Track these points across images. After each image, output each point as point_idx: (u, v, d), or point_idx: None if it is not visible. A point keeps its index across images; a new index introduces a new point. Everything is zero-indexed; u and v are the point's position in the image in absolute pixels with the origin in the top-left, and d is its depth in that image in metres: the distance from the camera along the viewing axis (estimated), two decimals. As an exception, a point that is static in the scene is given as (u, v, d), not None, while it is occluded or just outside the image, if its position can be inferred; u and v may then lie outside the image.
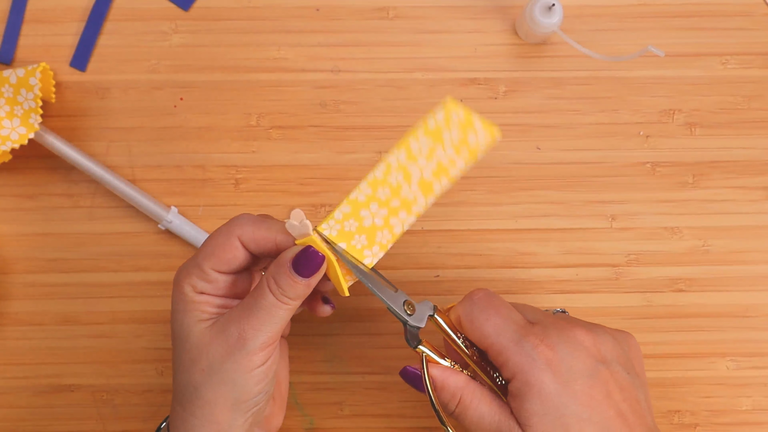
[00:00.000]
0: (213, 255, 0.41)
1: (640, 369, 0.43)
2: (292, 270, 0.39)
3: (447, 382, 0.42)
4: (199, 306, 0.41)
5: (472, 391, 0.42)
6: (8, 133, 0.50)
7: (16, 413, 0.54)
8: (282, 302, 0.40)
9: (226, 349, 0.40)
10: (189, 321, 0.41)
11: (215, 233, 0.42)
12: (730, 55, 0.56)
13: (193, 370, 0.40)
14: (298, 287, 0.40)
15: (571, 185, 0.55)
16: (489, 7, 0.56)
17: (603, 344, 0.42)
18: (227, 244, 0.41)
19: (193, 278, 0.41)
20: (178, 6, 0.56)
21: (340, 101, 0.55)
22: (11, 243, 0.55)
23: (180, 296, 0.41)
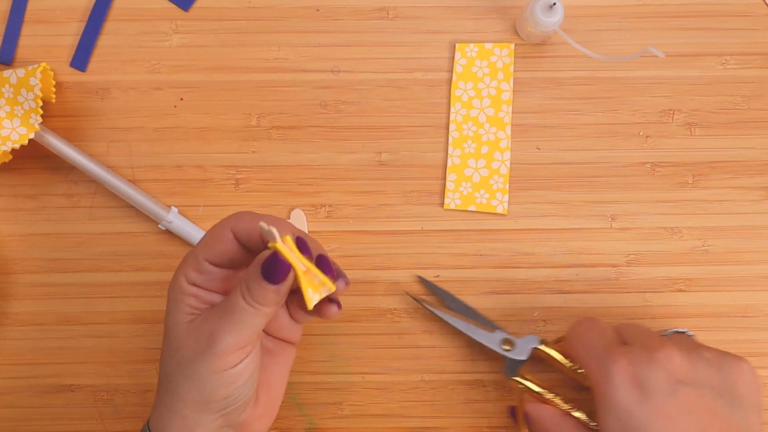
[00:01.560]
0: (207, 245, 0.41)
1: (748, 396, 0.42)
2: (261, 275, 0.39)
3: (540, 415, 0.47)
4: (187, 299, 0.41)
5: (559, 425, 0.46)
6: (8, 133, 0.50)
7: (16, 413, 0.54)
8: (252, 307, 0.39)
9: (197, 347, 0.40)
10: (175, 312, 0.41)
11: (213, 227, 0.42)
12: (730, 55, 0.56)
13: (170, 362, 0.41)
14: (267, 294, 0.39)
15: (571, 185, 0.55)
16: (489, 7, 0.56)
17: (694, 366, 0.42)
18: (220, 235, 0.41)
19: (188, 269, 0.41)
20: (178, 6, 0.56)
21: (340, 101, 0.55)
22: (11, 243, 0.55)
23: (174, 286, 0.42)
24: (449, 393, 0.54)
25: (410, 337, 0.54)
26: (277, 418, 0.53)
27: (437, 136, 0.55)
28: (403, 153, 0.55)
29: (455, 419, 0.54)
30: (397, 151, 0.55)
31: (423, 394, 0.54)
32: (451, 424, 0.54)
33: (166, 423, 0.41)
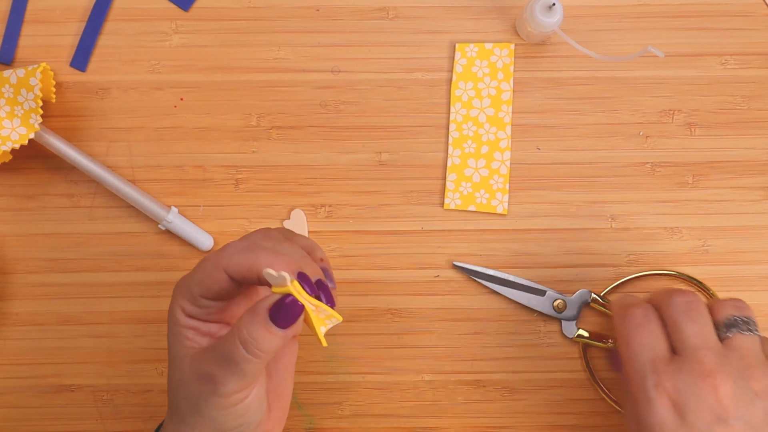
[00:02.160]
0: (201, 283, 0.39)
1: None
2: (269, 320, 0.37)
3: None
4: (185, 332, 0.40)
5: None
6: (8, 133, 0.50)
7: (16, 413, 0.54)
8: (253, 355, 0.37)
9: (200, 389, 0.39)
10: (175, 345, 0.40)
11: (204, 261, 0.40)
12: (730, 55, 0.56)
13: (177, 394, 0.40)
14: (273, 340, 0.37)
15: (571, 185, 0.55)
16: (489, 7, 0.56)
17: (740, 401, 0.40)
18: (213, 275, 0.39)
19: (184, 301, 0.40)
20: (178, 6, 0.56)
21: (340, 101, 0.55)
22: (11, 243, 0.55)
23: (171, 318, 0.40)
24: (449, 393, 0.54)
25: (410, 337, 0.54)
26: (277, 418, 0.53)
27: (437, 136, 0.55)
28: (403, 153, 0.55)
29: (455, 419, 0.54)
30: (397, 151, 0.55)
31: (423, 394, 0.54)
32: (451, 424, 0.54)
33: None
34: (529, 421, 0.54)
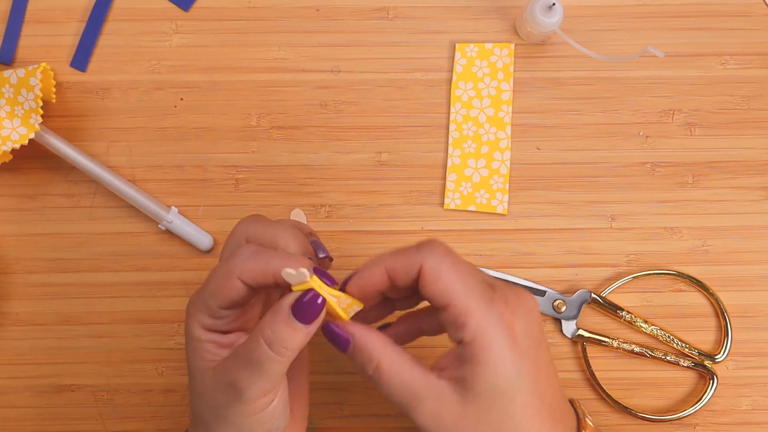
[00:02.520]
0: (216, 294, 0.39)
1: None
2: (292, 317, 0.37)
3: (366, 342, 0.39)
4: (205, 346, 0.40)
5: (393, 355, 0.39)
6: (9, 133, 0.50)
7: (16, 413, 0.54)
8: (278, 354, 0.37)
9: (225, 397, 0.38)
10: (196, 360, 0.40)
11: (216, 271, 0.40)
12: (730, 55, 0.56)
13: (202, 406, 0.40)
14: (297, 336, 0.37)
15: (571, 185, 0.55)
16: (489, 7, 0.56)
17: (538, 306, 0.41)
18: (228, 285, 0.39)
19: (201, 315, 0.39)
20: (178, 6, 0.56)
21: (340, 101, 0.55)
22: (11, 243, 0.55)
23: (189, 334, 0.40)
24: (449, 393, 0.54)
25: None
26: (277, 418, 0.53)
27: (437, 136, 0.55)
28: (403, 153, 0.55)
29: (455, 419, 0.54)
30: (397, 151, 0.55)
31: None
32: (451, 424, 0.54)
33: None
34: None
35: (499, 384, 0.38)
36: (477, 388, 0.38)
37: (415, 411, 0.38)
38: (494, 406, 0.38)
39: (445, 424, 0.38)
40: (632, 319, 0.53)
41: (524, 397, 0.38)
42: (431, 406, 0.38)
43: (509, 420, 0.38)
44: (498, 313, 0.38)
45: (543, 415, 0.39)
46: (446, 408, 0.38)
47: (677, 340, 0.53)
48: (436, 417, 0.38)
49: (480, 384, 0.38)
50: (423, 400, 0.38)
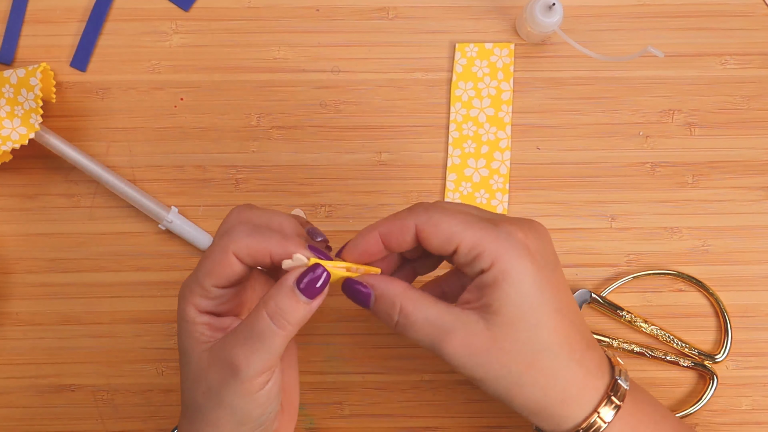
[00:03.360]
0: (212, 272, 0.39)
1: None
2: (297, 291, 0.38)
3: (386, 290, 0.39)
4: (199, 328, 0.40)
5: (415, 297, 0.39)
6: (9, 133, 0.50)
7: (16, 413, 0.54)
8: (280, 327, 0.38)
9: (222, 376, 0.38)
10: (190, 342, 0.40)
11: (212, 249, 0.40)
12: (730, 55, 0.56)
13: (196, 390, 0.40)
14: (300, 310, 0.38)
15: (571, 185, 0.55)
16: (489, 7, 0.56)
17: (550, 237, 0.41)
18: (224, 261, 0.39)
19: (195, 297, 0.40)
20: (178, 6, 0.56)
21: (340, 101, 0.55)
22: (11, 243, 0.55)
23: (183, 317, 0.40)
24: (449, 393, 0.54)
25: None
26: (277, 418, 0.53)
27: (437, 136, 0.55)
28: (403, 153, 0.55)
29: (455, 419, 0.54)
30: (397, 151, 0.55)
31: (423, 394, 0.54)
32: (451, 424, 0.54)
33: None
34: (529, 420, 0.54)
35: (524, 301, 0.38)
36: (503, 310, 0.38)
37: (446, 345, 0.38)
38: (523, 325, 0.38)
39: (477, 352, 0.38)
40: (632, 319, 0.53)
41: (551, 316, 0.38)
42: (461, 337, 0.38)
43: (539, 340, 0.38)
44: (508, 233, 0.38)
45: (572, 336, 0.39)
46: (476, 336, 0.38)
47: (677, 340, 0.53)
48: (467, 346, 0.38)
49: (505, 305, 0.38)
50: (452, 333, 0.38)
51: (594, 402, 0.40)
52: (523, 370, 0.39)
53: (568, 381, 0.39)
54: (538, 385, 0.39)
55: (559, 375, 0.39)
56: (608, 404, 0.40)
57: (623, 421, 0.40)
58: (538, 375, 0.39)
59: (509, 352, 0.38)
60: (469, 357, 0.39)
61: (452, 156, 0.55)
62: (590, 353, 0.40)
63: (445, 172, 0.55)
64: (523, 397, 0.40)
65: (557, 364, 0.39)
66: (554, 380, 0.39)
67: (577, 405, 0.40)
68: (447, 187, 0.54)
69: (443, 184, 0.55)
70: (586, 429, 0.40)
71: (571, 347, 0.39)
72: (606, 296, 0.53)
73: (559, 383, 0.39)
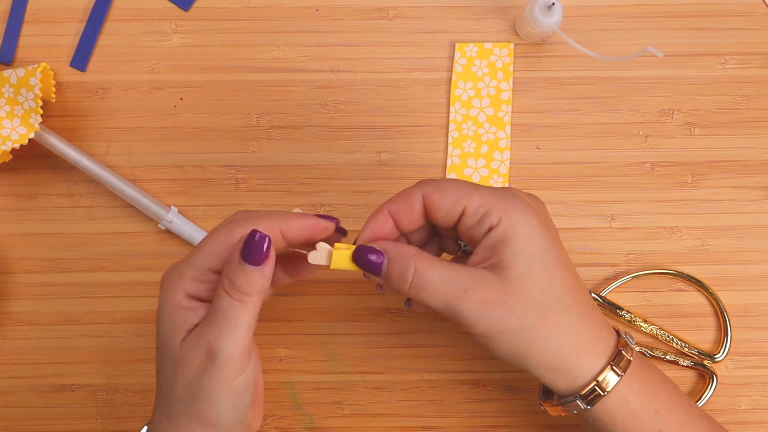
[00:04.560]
0: (213, 254, 0.39)
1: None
2: (243, 262, 0.38)
3: (400, 252, 0.40)
4: (185, 315, 0.39)
5: (428, 258, 0.40)
6: (8, 133, 0.50)
7: (16, 413, 0.54)
8: (239, 300, 0.38)
9: (199, 364, 0.38)
10: (171, 331, 0.39)
11: (215, 232, 0.40)
12: (729, 55, 0.56)
13: (175, 383, 0.39)
14: (252, 279, 0.38)
15: (571, 185, 0.55)
16: (489, 7, 0.56)
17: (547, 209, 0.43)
18: (228, 242, 0.39)
19: (186, 281, 0.39)
20: (178, 6, 0.56)
21: (340, 101, 0.55)
22: (11, 243, 0.55)
23: (170, 302, 0.40)
24: (449, 393, 0.54)
25: (410, 337, 0.54)
26: (277, 417, 0.54)
27: (437, 135, 0.55)
28: (403, 153, 0.55)
29: (455, 419, 0.54)
30: (397, 151, 0.55)
31: (423, 394, 0.54)
32: (451, 423, 0.54)
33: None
34: (529, 420, 0.54)
35: (535, 255, 0.39)
36: (515, 263, 0.38)
37: (464, 302, 0.39)
38: (535, 279, 0.39)
39: (493, 306, 0.39)
40: (632, 318, 0.53)
41: (559, 270, 0.40)
42: (477, 293, 0.39)
43: (551, 293, 0.39)
44: (512, 194, 0.40)
45: (580, 295, 0.40)
46: (491, 291, 0.39)
47: (677, 340, 0.53)
48: (485, 302, 0.39)
49: (517, 258, 0.38)
50: (468, 290, 0.39)
51: (606, 355, 0.41)
52: (538, 322, 0.39)
53: (581, 332, 0.40)
54: (553, 336, 0.40)
55: (573, 326, 0.40)
56: (619, 358, 0.41)
57: (634, 377, 0.41)
58: (552, 326, 0.39)
59: (525, 304, 0.39)
60: (486, 311, 0.39)
61: (452, 156, 0.55)
62: (596, 312, 0.42)
63: (445, 171, 0.55)
64: (538, 349, 0.40)
65: (570, 316, 0.40)
66: (568, 332, 0.40)
67: (591, 357, 0.40)
68: None
69: (443, 184, 0.55)
70: (599, 383, 0.40)
71: (581, 302, 0.40)
72: (606, 296, 0.54)
73: (573, 334, 0.40)
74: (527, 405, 0.54)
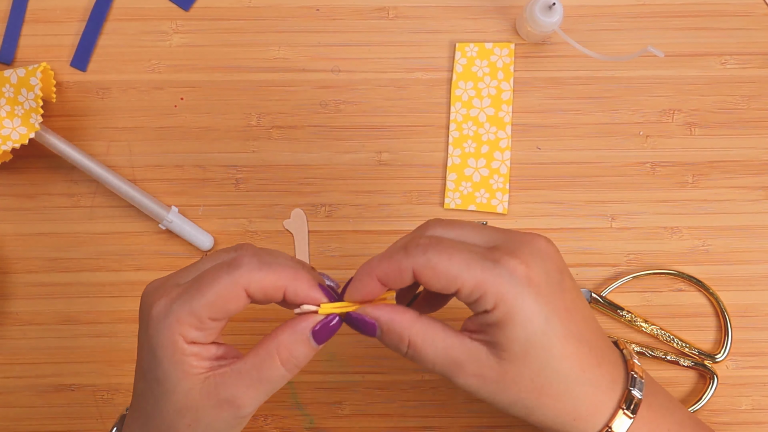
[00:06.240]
0: (214, 305, 0.37)
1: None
2: (312, 339, 0.38)
3: (392, 323, 0.39)
4: (189, 359, 0.38)
5: (423, 330, 0.39)
6: (9, 133, 0.50)
7: (16, 413, 0.54)
8: (291, 372, 0.38)
9: (218, 412, 0.38)
10: (178, 374, 0.38)
11: (216, 279, 0.37)
12: (730, 55, 0.56)
13: (178, 422, 0.39)
14: (311, 355, 0.39)
15: (571, 185, 0.55)
16: (489, 7, 0.56)
17: (557, 250, 0.40)
18: (233, 295, 0.37)
19: (184, 327, 0.37)
20: (178, 6, 0.56)
21: (340, 101, 0.55)
22: (11, 243, 0.55)
23: (170, 344, 0.38)
24: (449, 393, 0.54)
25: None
26: (277, 417, 0.54)
27: (437, 135, 0.55)
28: (403, 153, 0.55)
29: (455, 419, 0.54)
30: (397, 150, 0.55)
31: (423, 394, 0.54)
32: (451, 424, 0.54)
33: None
34: (529, 420, 0.54)
35: (531, 338, 0.38)
36: (511, 348, 0.38)
37: (458, 376, 0.39)
38: (532, 359, 0.38)
39: (488, 382, 0.39)
40: (632, 318, 0.53)
41: (559, 343, 0.38)
42: (472, 369, 0.38)
43: (548, 368, 0.38)
44: (509, 270, 0.37)
45: (582, 357, 0.39)
46: (486, 369, 0.38)
47: (677, 340, 0.53)
48: (479, 377, 0.39)
49: (513, 344, 0.38)
50: (463, 365, 0.38)
51: (606, 417, 0.40)
52: (535, 397, 0.39)
53: (578, 400, 0.39)
54: (548, 408, 0.39)
55: (570, 397, 0.39)
56: (621, 417, 0.40)
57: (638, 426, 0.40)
58: (548, 400, 0.39)
59: (519, 383, 0.39)
60: (482, 386, 0.39)
61: (452, 156, 0.55)
62: (602, 369, 0.40)
63: (445, 171, 0.55)
64: (535, 419, 0.40)
65: (567, 386, 0.39)
66: (564, 402, 0.39)
67: (589, 421, 0.40)
68: (447, 187, 0.54)
69: (443, 184, 0.55)
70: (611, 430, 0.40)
71: (581, 368, 0.39)
72: (606, 296, 0.53)
73: (569, 404, 0.39)
74: (527, 405, 0.54)
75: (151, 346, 0.38)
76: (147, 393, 0.39)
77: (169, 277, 0.40)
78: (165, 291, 0.39)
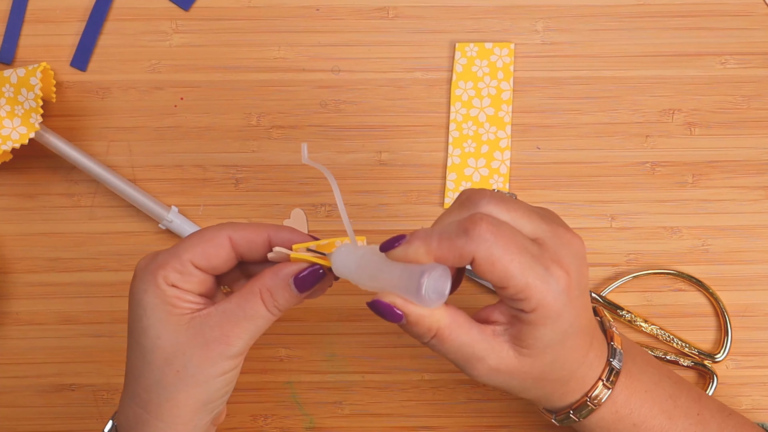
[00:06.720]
0: (196, 247, 0.39)
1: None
2: (293, 285, 0.39)
3: (420, 317, 0.39)
4: (172, 300, 0.39)
5: (449, 323, 0.39)
6: (9, 133, 0.50)
7: (16, 412, 0.54)
8: (272, 313, 0.40)
9: (206, 352, 0.39)
10: (163, 315, 0.39)
11: (201, 230, 0.41)
12: (730, 54, 0.56)
13: (167, 370, 0.39)
14: (292, 301, 0.40)
15: (571, 185, 0.55)
16: (489, 7, 0.56)
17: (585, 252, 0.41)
18: (216, 239, 0.40)
19: (167, 270, 0.39)
20: (179, 6, 0.56)
21: (340, 101, 0.55)
22: (11, 243, 0.55)
23: (152, 287, 0.39)
24: (449, 392, 0.54)
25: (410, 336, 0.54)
26: (277, 417, 0.54)
27: (437, 135, 0.55)
28: (403, 153, 0.55)
29: (455, 419, 0.54)
30: (397, 150, 0.55)
31: (423, 394, 0.54)
32: (451, 423, 0.54)
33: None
34: (529, 420, 0.54)
35: (555, 338, 0.39)
36: (535, 345, 0.39)
37: (474, 368, 0.40)
38: (548, 354, 0.40)
39: (501, 376, 0.40)
40: (632, 318, 0.53)
41: (572, 339, 0.40)
42: (490, 364, 0.40)
43: (558, 360, 0.40)
44: (556, 279, 0.38)
45: (584, 345, 0.41)
46: (504, 363, 0.40)
47: (677, 340, 0.53)
48: (493, 371, 0.40)
49: (538, 342, 0.39)
50: (482, 360, 0.39)
51: (588, 388, 0.43)
52: (536, 382, 0.41)
53: (573, 380, 0.42)
54: (545, 389, 0.42)
55: (568, 380, 0.42)
56: (600, 388, 0.42)
57: (615, 393, 0.43)
58: (547, 383, 0.42)
59: (529, 373, 0.40)
60: (494, 377, 0.40)
61: (452, 155, 0.55)
62: (593, 349, 0.42)
63: (445, 171, 0.55)
64: (527, 395, 0.43)
65: (569, 372, 0.42)
66: (560, 384, 0.42)
67: (576, 394, 0.43)
68: (447, 187, 0.54)
69: (443, 184, 0.55)
70: (591, 399, 0.42)
71: (582, 355, 0.42)
72: (606, 296, 0.53)
73: (564, 384, 0.42)
74: (527, 405, 0.54)
75: (135, 294, 0.40)
76: (136, 350, 0.40)
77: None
78: (153, 254, 0.41)
